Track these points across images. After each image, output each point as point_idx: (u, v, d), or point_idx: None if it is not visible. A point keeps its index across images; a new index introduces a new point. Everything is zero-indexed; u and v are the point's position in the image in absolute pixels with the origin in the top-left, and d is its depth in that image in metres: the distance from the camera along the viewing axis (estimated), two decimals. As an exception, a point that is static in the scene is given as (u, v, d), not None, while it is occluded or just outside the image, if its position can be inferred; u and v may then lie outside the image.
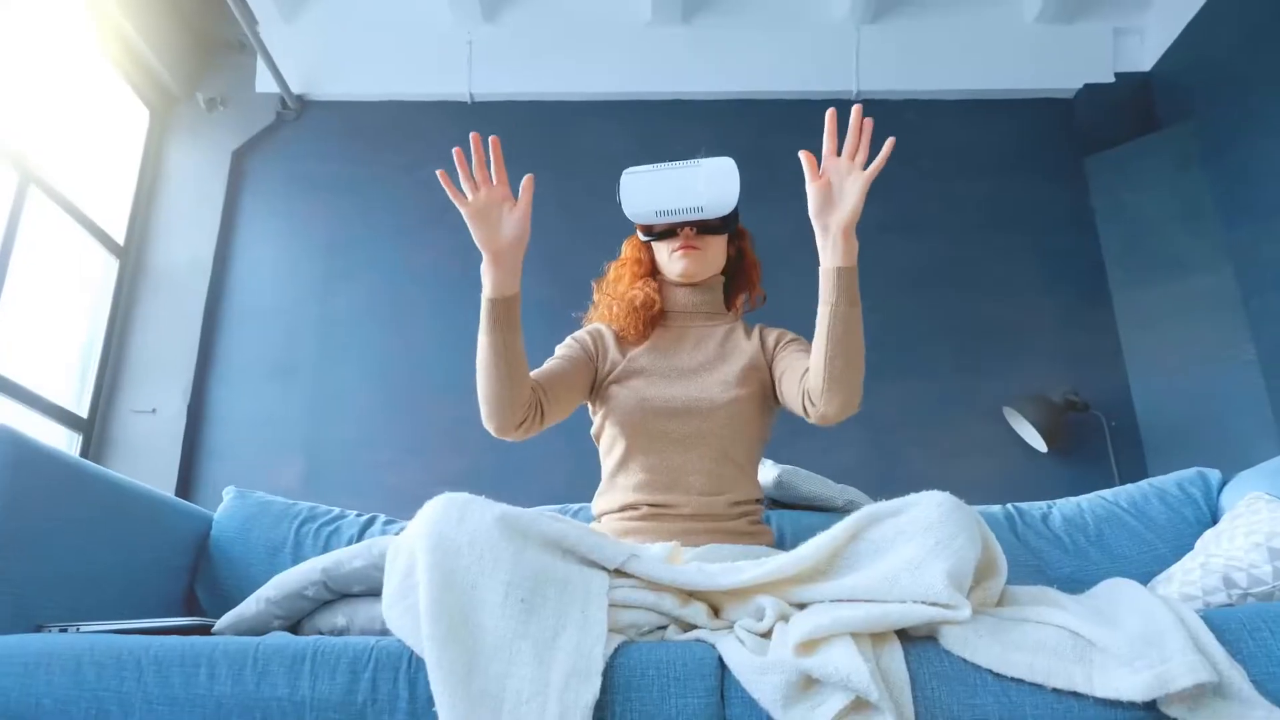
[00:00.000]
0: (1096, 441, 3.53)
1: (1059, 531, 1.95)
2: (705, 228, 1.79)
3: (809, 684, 1.12)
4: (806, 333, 1.85)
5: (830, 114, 1.48)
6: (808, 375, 1.60)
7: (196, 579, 1.86)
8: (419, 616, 1.16)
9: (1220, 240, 3.48)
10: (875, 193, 1.53)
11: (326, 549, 1.90)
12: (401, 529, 1.99)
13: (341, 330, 3.73)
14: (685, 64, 4.04)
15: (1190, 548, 1.73)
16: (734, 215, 1.79)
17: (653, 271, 1.89)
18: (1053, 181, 3.92)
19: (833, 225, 1.50)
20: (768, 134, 3.95)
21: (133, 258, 3.78)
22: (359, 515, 2.03)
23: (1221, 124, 3.49)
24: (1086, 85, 3.96)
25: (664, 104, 4.05)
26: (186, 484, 3.50)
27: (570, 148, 3.95)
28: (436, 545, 1.19)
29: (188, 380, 3.62)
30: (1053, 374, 3.62)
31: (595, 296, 1.93)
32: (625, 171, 1.74)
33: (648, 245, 1.88)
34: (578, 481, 3.25)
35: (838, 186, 1.49)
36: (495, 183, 1.51)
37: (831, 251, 1.51)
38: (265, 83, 3.98)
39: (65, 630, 1.34)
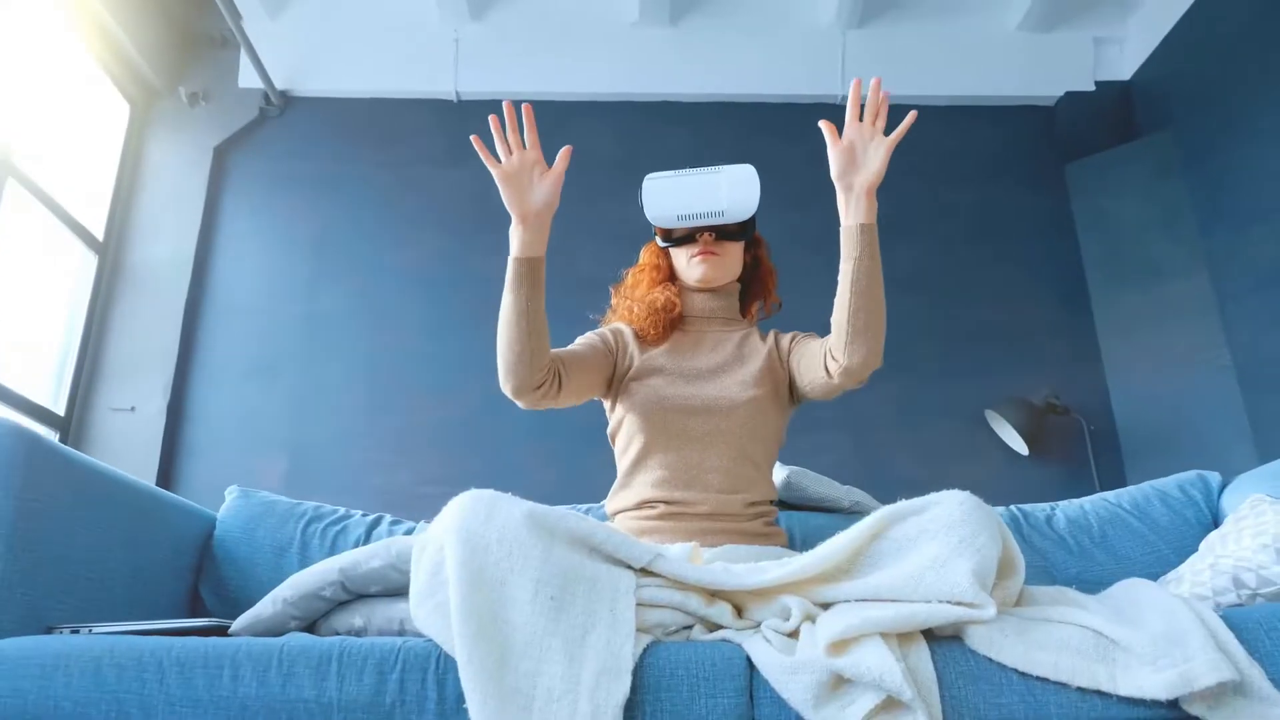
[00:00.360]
0: (1076, 445, 3.58)
1: (1063, 533, 1.97)
2: (723, 233, 1.81)
3: (839, 684, 1.13)
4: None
5: (855, 82, 1.57)
6: (829, 338, 1.64)
7: (201, 579, 1.83)
8: (448, 614, 1.16)
9: (1197, 246, 3.54)
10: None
11: (334, 549, 1.88)
12: (410, 529, 1.98)
13: (324, 329, 3.70)
14: (671, 66, 4.05)
15: (1192, 549, 1.76)
16: (752, 222, 1.82)
17: (671, 277, 1.91)
18: (1034, 188, 3.97)
19: (856, 185, 1.57)
20: (753, 137, 3.97)
21: (112, 253, 3.72)
22: (364, 515, 2.01)
23: (1200, 132, 3.56)
24: (1067, 93, 4.03)
25: (650, 105, 4.06)
26: (166, 483, 3.45)
27: (556, 148, 3.92)
28: (465, 541, 1.19)
29: (168, 378, 3.57)
30: (1034, 378, 3.66)
31: (613, 301, 1.96)
32: (647, 177, 1.77)
33: (666, 251, 1.90)
34: (566, 484, 3.25)
35: (860, 150, 1.58)
36: (527, 147, 1.58)
37: (854, 209, 1.58)
38: (248, 78, 3.94)
39: (77, 631, 1.31)
